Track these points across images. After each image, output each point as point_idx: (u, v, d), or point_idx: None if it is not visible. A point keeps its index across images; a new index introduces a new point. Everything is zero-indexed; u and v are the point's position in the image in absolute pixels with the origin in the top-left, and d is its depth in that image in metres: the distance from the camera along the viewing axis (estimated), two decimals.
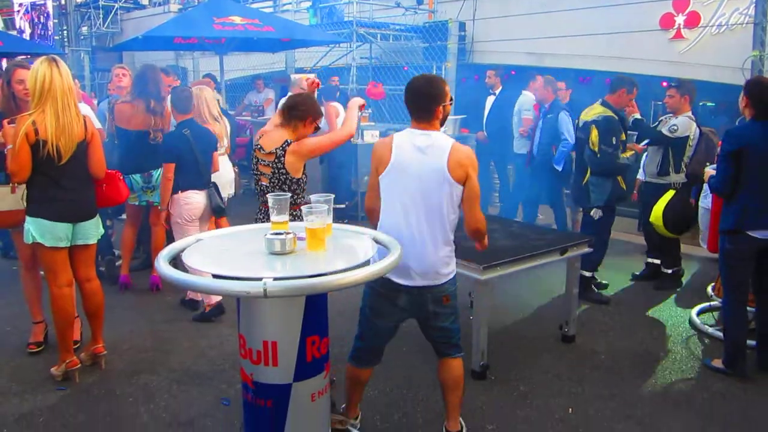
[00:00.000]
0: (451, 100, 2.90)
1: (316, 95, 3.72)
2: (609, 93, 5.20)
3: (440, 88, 2.83)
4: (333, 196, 2.87)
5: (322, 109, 3.81)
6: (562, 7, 10.34)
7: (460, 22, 11.25)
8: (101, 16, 20.56)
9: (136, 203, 5.40)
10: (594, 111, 5.10)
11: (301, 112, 3.41)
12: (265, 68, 12.69)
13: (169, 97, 5.26)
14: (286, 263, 2.43)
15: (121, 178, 4.20)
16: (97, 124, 5.06)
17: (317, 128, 3.55)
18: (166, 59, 13.32)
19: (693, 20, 9.33)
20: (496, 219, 5.10)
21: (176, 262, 2.51)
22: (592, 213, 5.13)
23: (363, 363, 3.14)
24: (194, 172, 4.85)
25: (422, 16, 12.17)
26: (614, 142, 4.99)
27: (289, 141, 3.39)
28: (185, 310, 5.08)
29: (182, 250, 2.60)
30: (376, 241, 2.73)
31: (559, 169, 6.67)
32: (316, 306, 2.49)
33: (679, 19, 9.47)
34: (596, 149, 4.98)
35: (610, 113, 5.05)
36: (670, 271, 5.59)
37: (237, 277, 2.24)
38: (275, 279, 2.14)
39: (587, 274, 5.14)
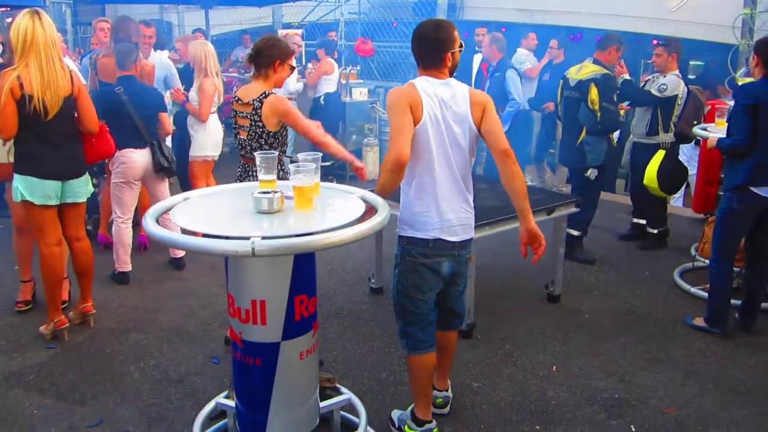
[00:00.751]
0: (461, 46, 2.73)
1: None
2: (599, 50, 5.16)
3: (449, 33, 2.68)
4: (321, 155, 2.85)
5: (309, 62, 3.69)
6: None
7: None
8: None
9: None
10: (588, 69, 5.05)
11: (265, 59, 3.30)
12: (252, 23, 12.46)
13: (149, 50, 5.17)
14: (274, 222, 2.42)
15: (108, 130, 4.07)
16: (82, 80, 4.95)
17: (292, 68, 3.44)
18: (150, 13, 13.05)
19: None
20: (484, 178, 5.08)
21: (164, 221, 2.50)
22: (588, 173, 5.15)
23: (426, 346, 2.87)
24: (130, 131, 4.59)
25: None
26: (615, 99, 5.05)
27: (266, 92, 3.28)
28: (174, 269, 5.09)
29: (169, 209, 2.58)
30: (364, 201, 2.72)
31: (505, 128, 6.54)
32: (304, 265, 2.49)
33: None
34: (596, 108, 4.96)
35: (605, 71, 5.03)
36: (655, 231, 5.63)
37: (225, 236, 2.23)
38: (263, 238, 2.13)
39: (576, 233, 5.18)
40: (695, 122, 5.24)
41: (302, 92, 8.00)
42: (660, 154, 5.20)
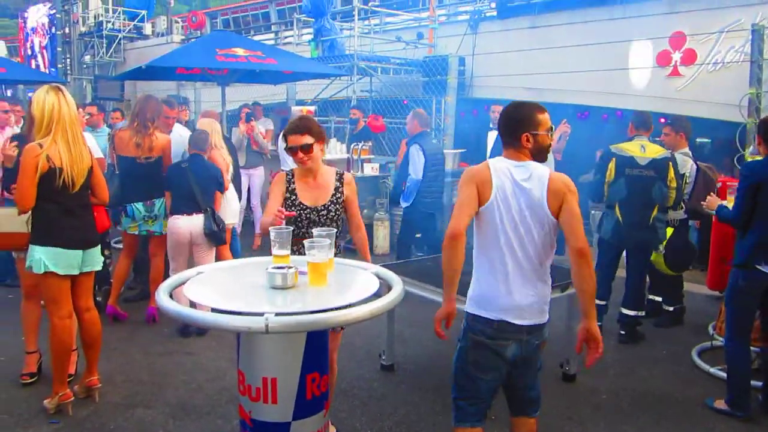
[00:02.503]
0: (550, 130, 2.69)
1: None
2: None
3: (530, 114, 2.65)
4: (335, 230, 2.87)
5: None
6: (561, 44, 10.49)
7: (460, 57, 11.39)
8: (104, 45, 20.80)
9: (136, 233, 5.38)
10: (654, 148, 5.12)
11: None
12: (266, 99, 12.78)
13: (173, 126, 5.73)
14: (288, 298, 2.41)
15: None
16: (98, 153, 5.08)
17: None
18: (167, 89, 13.44)
19: (689, 58, 9.47)
20: None
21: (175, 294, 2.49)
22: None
23: (473, 420, 2.76)
24: (184, 200, 5.14)
25: (422, 51, 12.33)
26: None
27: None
28: (182, 342, 5.03)
29: (183, 283, 2.57)
30: (378, 277, 2.71)
31: (406, 204, 6.62)
32: (317, 342, 2.47)
33: (676, 57, 9.61)
34: (674, 185, 5.06)
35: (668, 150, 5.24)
36: (671, 309, 5.55)
37: (238, 312, 2.22)
38: (277, 314, 2.12)
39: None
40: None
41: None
42: (668, 231, 5.19)
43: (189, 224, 5.13)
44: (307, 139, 3.17)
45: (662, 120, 7.86)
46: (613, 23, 10.32)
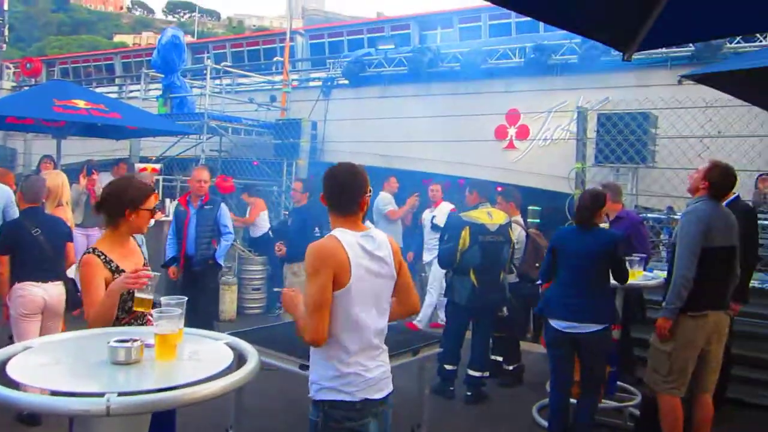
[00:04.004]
0: (370, 191, 2.66)
1: None
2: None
3: (364, 178, 2.61)
4: (186, 298, 2.71)
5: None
6: (409, 114, 11.04)
7: (313, 121, 11.59)
8: None
9: None
10: (501, 216, 5.41)
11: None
12: (107, 155, 12.12)
13: None
14: (131, 375, 2.22)
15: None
16: None
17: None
18: None
19: (523, 133, 10.36)
20: None
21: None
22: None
23: None
24: (34, 264, 4.43)
25: (275, 113, 12.40)
26: None
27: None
28: (25, 425, 4.41)
29: (7, 360, 2.28)
30: (231, 347, 2.58)
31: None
32: (163, 423, 2.28)
33: (512, 131, 10.48)
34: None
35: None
36: (511, 368, 5.82)
37: (74, 393, 2.00)
38: (120, 394, 1.93)
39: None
40: (537, 264, 5.64)
41: None
42: None
43: (46, 294, 4.46)
44: None
45: (499, 188, 8.47)
46: (458, 98, 11.08)
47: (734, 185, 4.06)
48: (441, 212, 7.27)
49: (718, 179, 3.93)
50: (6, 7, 22.47)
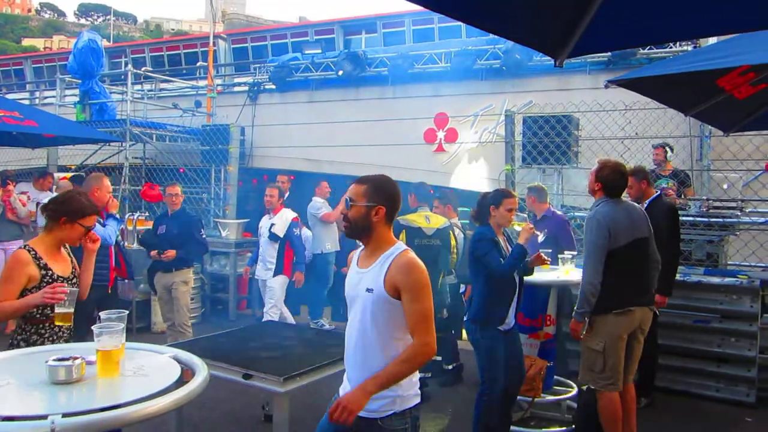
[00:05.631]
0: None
1: None
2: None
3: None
4: (126, 312, 2.63)
5: None
6: (338, 118, 11.04)
7: (241, 127, 11.41)
8: None
9: None
10: (439, 220, 5.51)
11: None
12: (22, 164, 11.55)
13: None
14: (74, 394, 2.13)
15: None
16: None
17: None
18: None
19: (451, 136, 10.55)
20: (291, 326, 5.02)
21: None
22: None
23: None
24: None
25: (200, 119, 12.12)
26: None
27: None
28: None
29: None
30: (177, 360, 2.52)
31: None
32: None
33: (440, 135, 10.64)
34: (455, 252, 5.61)
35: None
36: (450, 367, 5.91)
37: (15, 417, 1.90)
38: (64, 415, 1.85)
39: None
40: None
41: None
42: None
43: None
44: None
45: (431, 191, 8.60)
46: (385, 102, 11.16)
47: (627, 181, 4.20)
48: (281, 220, 6.64)
49: (609, 177, 4.04)
50: None
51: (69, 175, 9.29)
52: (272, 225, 6.60)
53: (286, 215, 6.67)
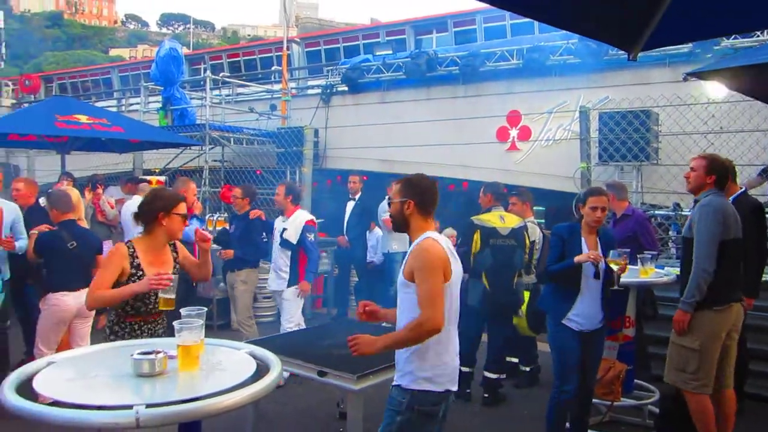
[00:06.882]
0: None
1: None
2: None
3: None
4: (206, 309, 2.73)
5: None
6: (410, 119, 11.06)
7: (315, 129, 11.61)
8: None
9: None
10: (514, 219, 5.43)
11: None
12: (110, 168, 12.14)
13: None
14: (157, 387, 2.23)
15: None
16: None
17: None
18: None
19: (525, 134, 10.37)
20: (364, 325, 5.05)
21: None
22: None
23: None
24: (68, 273, 4.73)
25: (275, 122, 12.41)
26: None
27: None
28: None
29: (33, 376, 2.29)
30: (253, 356, 2.59)
31: None
32: None
33: (513, 133, 10.48)
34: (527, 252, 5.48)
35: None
36: (528, 369, 5.82)
37: (101, 406, 2.01)
38: (148, 406, 1.94)
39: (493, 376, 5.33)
40: None
41: None
42: (525, 295, 5.50)
43: (77, 301, 4.67)
44: None
45: (504, 190, 8.49)
46: (457, 101, 11.10)
47: (735, 175, 4.06)
48: (294, 224, 5.78)
49: (722, 170, 3.93)
50: (2, 24, 22.57)
51: (153, 178, 9.73)
52: (284, 230, 5.80)
53: (300, 218, 5.81)
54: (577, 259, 3.93)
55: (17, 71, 37.88)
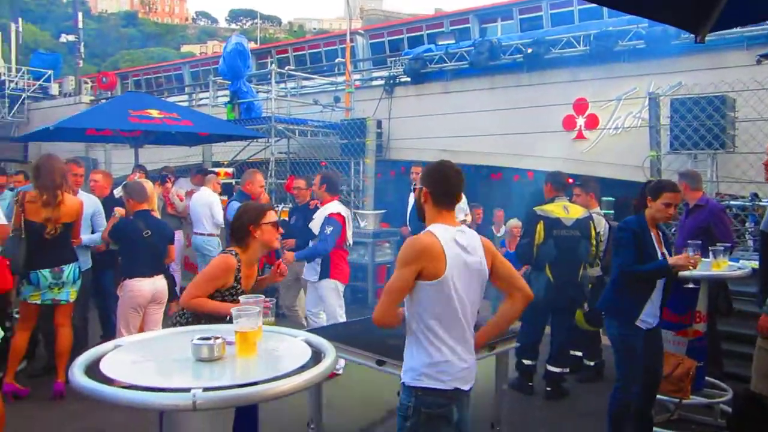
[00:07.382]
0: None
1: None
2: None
3: (463, 177, 2.73)
4: (263, 296, 2.78)
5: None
6: (473, 108, 10.93)
7: (377, 120, 11.64)
8: (7, 104, 19.99)
9: (38, 302, 4.96)
10: (578, 210, 5.30)
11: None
12: (181, 161, 12.55)
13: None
14: (215, 371, 2.28)
15: (7, 264, 4.22)
16: (2, 220, 4.71)
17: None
18: (74, 150, 12.96)
19: (592, 122, 10.08)
20: None
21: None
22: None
23: None
24: (143, 261, 4.98)
25: (339, 114, 12.53)
26: None
27: None
28: (93, 420, 4.65)
29: (100, 358, 2.39)
30: (308, 344, 2.62)
31: None
32: (246, 418, 2.34)
33: (580, 121, 10.21)
34: (595, 243, 5.34)
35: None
36: (592, 364, 5.68)
37: (162, 388, 2.07)
38: (205, 389, 1.99)
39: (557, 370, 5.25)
40: None
41: None
42: None
43: (152, 287, 5.02)
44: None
45: (570, 180, 8.27)
46: (521, 89, 10.90)
47: None
48: (321, 214, 5.59)
49: None
50: (81, 25, 23.61)
51: (221, 170, 10.00)
52: (312, 220, 5.68)
53: (328, 209, 5.60)
54: (672, 262, 3.65)
55: (95, 69, 39.60)
